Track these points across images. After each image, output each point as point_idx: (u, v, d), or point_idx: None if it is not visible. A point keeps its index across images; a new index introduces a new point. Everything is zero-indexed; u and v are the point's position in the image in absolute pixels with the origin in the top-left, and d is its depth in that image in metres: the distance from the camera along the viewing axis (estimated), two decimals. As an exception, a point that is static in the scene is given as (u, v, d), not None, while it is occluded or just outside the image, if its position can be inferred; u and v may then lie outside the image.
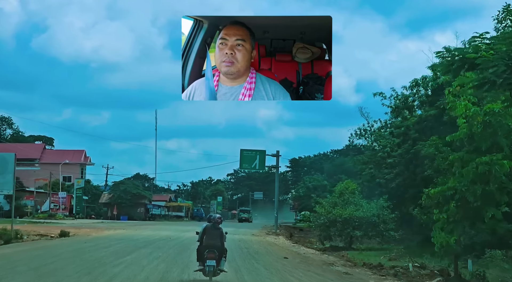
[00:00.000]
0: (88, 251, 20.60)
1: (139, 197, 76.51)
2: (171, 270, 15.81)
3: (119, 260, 17.65)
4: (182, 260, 18.25)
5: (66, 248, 22.10)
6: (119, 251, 20.66)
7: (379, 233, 30.01)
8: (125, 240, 27.28)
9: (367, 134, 57.67)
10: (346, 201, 31.49)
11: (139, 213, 76.34)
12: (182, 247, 23.23)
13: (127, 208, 74.82)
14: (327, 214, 30.91)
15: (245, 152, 45.43)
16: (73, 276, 14.00)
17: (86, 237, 28.98)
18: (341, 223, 30.38)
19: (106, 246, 23.03)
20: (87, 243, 24.69)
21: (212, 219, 13.48)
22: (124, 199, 75.11)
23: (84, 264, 16.54)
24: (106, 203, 74.83)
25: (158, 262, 17.76)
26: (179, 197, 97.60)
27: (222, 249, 13.18)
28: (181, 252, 21.04)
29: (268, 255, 22.55)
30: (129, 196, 73.50)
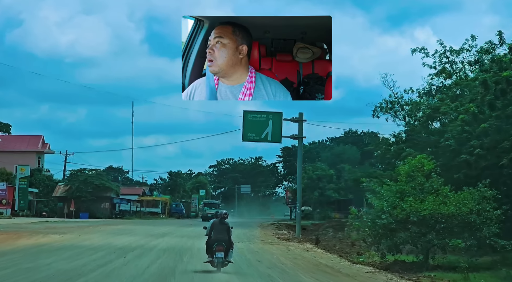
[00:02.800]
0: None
1: (103, 190, 68.64)
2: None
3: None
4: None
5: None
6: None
7: (480, 240, 20.39)
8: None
9: (395, 107, 48.14)
10: (423, 188, 21.55)
11: (104, 209, 68.92)
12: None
13: (88, 203, 66.40)
14: (392, 209, 20.88)
15: (251, 115, 31.17)
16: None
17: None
18: (416, 224, 20.55)
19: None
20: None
21: (219, 215, 15.39)
22: (84, 192, 66.60)
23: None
24: (62, 197, 66.90)
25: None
26: (154, 191, 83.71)
27: (229, 242, 15.11)
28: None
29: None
30: (90, 188, 67.23)
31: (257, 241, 29.60)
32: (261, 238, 32.50)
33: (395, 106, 50.94)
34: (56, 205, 66.67)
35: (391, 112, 51.75)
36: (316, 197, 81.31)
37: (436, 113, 32.98)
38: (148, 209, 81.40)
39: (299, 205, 36.36)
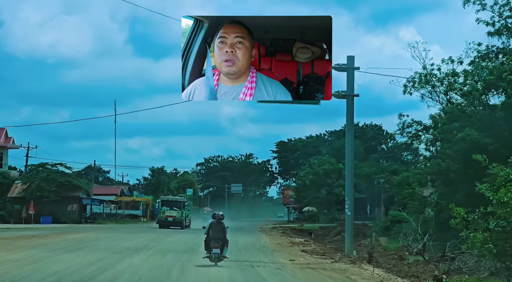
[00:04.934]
0: None
1: (70, 189, 59.22)
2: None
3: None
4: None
5: None
6: None
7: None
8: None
9: (432, 81, 39.46)
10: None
11: (71, 213, 59.63)
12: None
13: (51, 205, 57.10)
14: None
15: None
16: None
17: None
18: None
19: None
20: None
21: (216, 216, 18.02)
22: (45, 191, 56.85)
23: None
24: (19, 197, 58.18)
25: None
26: (135, 191, 73.24)
27: (225, 240, 17.90)
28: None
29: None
30: (54, 186, 57.44)
31: (280, 258, 21.56)
32: (279, 251, 25.19)
33: (432, 80, 41.86)
34: (13, 207, 56.30)
35: (428, 86, 42.76)
36: (323, 196, 71.15)
37: (500, 81, 27.72)
38: (127, 211, 76.53)
39: (349, 203, 24.11)
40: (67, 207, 59.16)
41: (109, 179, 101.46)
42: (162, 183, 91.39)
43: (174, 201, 50.77)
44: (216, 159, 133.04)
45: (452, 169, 32.26)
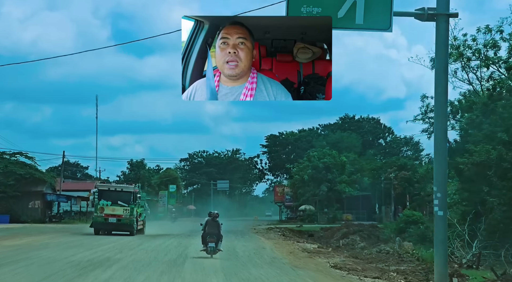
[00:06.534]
0: None
1: (32, 183, 52.35)
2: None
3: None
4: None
5: None
6: None
7: None
8: None
9: (467, 53, 34.15)
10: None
11: (33, 210, 52.10)
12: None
13: (9, 202, 50.35)
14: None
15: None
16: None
17: None
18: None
19: None
20: None
21: (211, 214, 21.13)
22: (2, 185, 49.98)
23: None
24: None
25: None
26: (111, 186, 65.34)
27: (219, 235, 21.07)
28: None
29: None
30: (12, 180, 50.40)
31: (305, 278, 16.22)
32: (299, 267, 18.80)
33: (466, 52, 35.41)
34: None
35: (462, 61, 36.24)
36: (323, 193, 64.30)
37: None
38: (100, 209, 64.25)
39: (441, 196, 12.22)
40: (28, 204, 52.51)
41: (88, 175, 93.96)
42: (141, 177, 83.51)
43: (119, 191, 34.51)
44: (201, 154, 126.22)
45: (506, 158, 25.77)
